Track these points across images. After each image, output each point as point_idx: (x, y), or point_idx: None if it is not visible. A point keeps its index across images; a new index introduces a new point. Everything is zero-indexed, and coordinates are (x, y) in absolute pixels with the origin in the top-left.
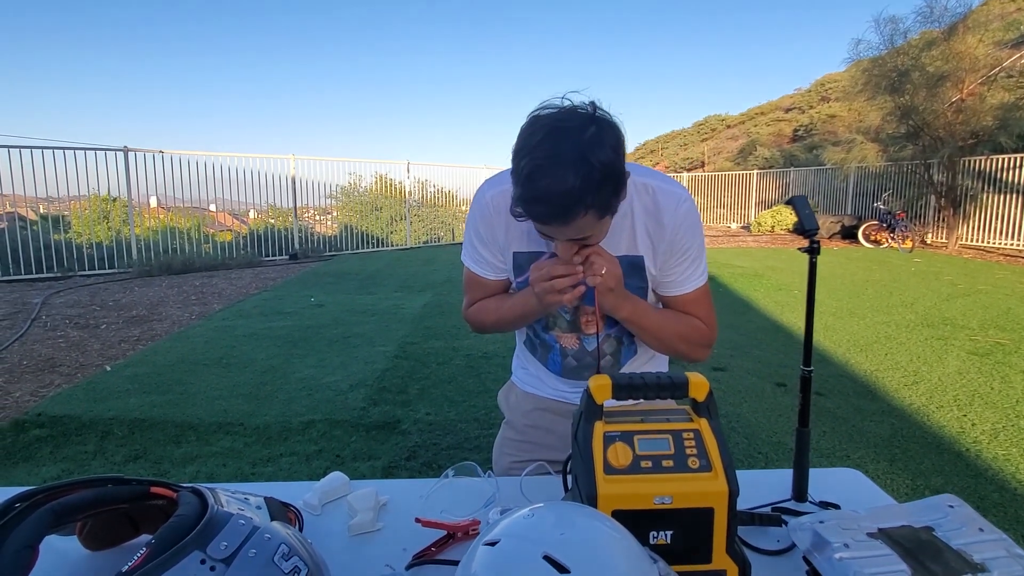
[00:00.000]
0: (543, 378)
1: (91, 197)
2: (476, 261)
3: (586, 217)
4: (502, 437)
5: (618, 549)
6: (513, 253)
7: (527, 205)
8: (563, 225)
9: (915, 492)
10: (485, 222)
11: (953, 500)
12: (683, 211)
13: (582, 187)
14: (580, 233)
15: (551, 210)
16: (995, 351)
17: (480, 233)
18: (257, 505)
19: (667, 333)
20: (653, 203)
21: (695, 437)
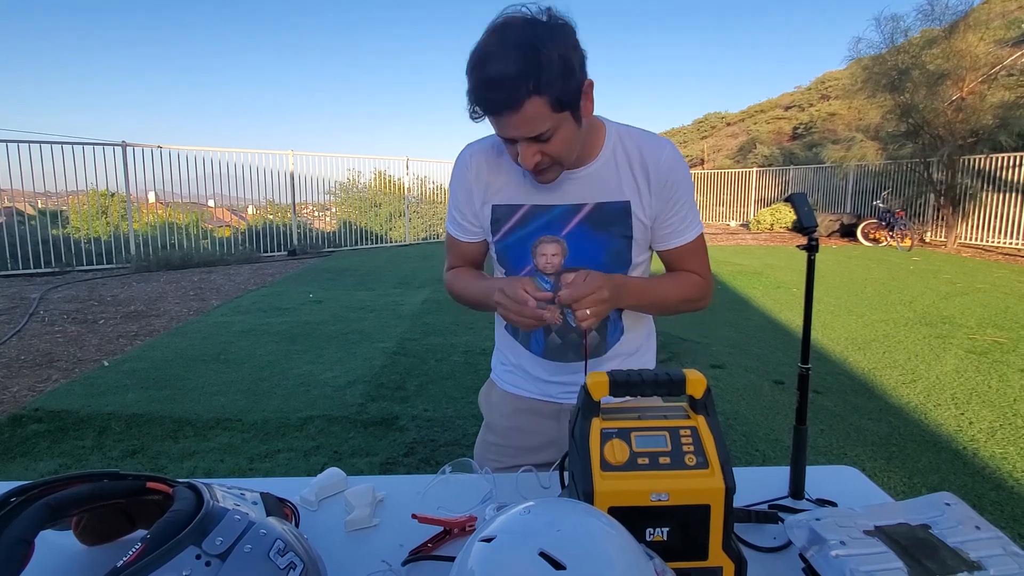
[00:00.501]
0: (525, 371)
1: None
2: (452, 224)
3: (536, 105)
4: (484, 441)
5: (614, 546)
6: (492, 207)
7: (477, 94)
8: (514, 113)
9: (912, 490)
10: (461, 180)
11: (950, 498)
12: (667, 155)
13: (527, 69)
14: (535, 127)
15: (499, 95)
16: (993, 350)
17: (456, 195)
18: (253, 501)
19: (670, 301)
20: (636, 148)
21: (692, 434)
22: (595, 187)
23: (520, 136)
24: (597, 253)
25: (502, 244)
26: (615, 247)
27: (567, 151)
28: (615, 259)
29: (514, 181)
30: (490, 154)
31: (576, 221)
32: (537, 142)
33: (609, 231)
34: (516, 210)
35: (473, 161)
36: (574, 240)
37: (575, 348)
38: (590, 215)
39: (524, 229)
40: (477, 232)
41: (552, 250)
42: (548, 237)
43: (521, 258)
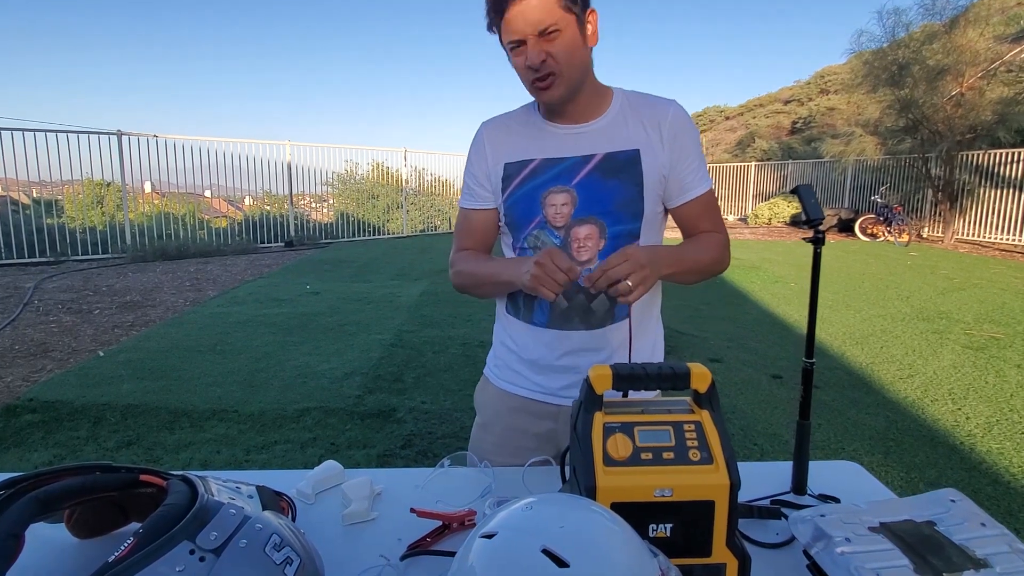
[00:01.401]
0: (523, 361)
1: (85, 181)
2: (464, 196)
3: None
4: (480, 440)
5: (618, 543)
6: (504, 165)
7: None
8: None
9: (909, 485)
10: (476, 150)
11: (955, 495)
12: (675, 110)
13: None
14: (543, 19)
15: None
16: (990, 345)
17: (471, 163)
18: (249, 494)
19: (703, 264)
20: (645, 104)
21: (696, 429)
22: (605, 138)
23: (528, 30)
24: (607, 201)
25: (511, 200)
26: (626, 195)
27: (571, 60)
28: (626, 207)
29: (526, 140)
30: (503, 121)
31: (586, 171)
32: (545, 39)
33: (620, 178)
34: (526, 164)
35: (487, 129)
36: (584, 189)
37: (581, 312)
38: (600, 164)
39: (534, 181)
40: (487, 198)
41: (562, 199)
42: (558, 187)
43: (529, 210)
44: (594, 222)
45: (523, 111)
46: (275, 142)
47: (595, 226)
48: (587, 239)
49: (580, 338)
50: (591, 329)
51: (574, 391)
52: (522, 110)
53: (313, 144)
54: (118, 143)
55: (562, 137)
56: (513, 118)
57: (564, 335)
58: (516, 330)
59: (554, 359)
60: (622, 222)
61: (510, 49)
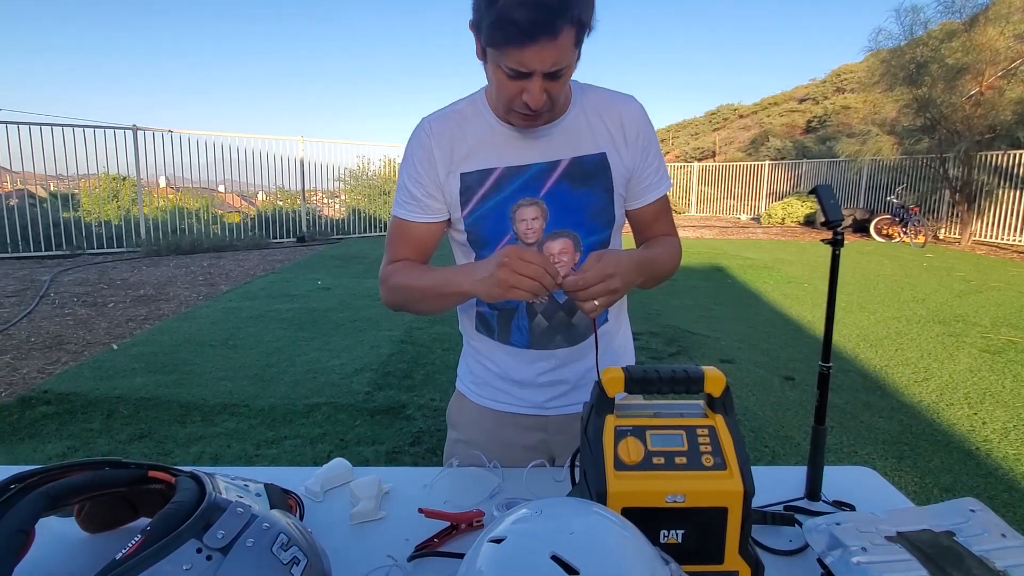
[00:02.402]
0: (504, 379)
1: (100, 175)
2: (404, 205)
3: (568, 34)
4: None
5: (629, 550)
6: (460, 175)
7: (512, 12)
8: (549, 40)
9: (924, 490)
10: (423, 150)
11: (975, 504)
12: (636, 107)
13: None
14: (560, 59)
15: (539, 15)
16: (1007, 349)
17: (415, 168)
18: (257, 492)
19: (666, 271)
20: (604, 101)
21: (710, 434)
22: (569, 141)
23: (543, 68)
24: (579, 211)
25: (475, 215)
26: (598, 203)
27: (564, 94)
28: (599, 216)
29: (482, 145)
30: (451, 121)
31: (554, 179)
32: (550, 78)
33: (589, 185)
34: (488, 175)
35: (434, 129)
36: (554, 200)
37: (563, 330)
38: (568, 171)
39: (499, 194)
40: (437, 210)
41: (532, 213)
42: (526, 200)
43: (499, 226)
44: (567, 235)
45: (470, 106)
46: (288, 138)
47: (569, 239)
48: (562, 254)
49: (563, 354)
50: (574, 345)
51: (562, 401)
52: (469, 105)
53: (325, 140)
54: (133, 138)
55: (522, 140)
56: (461, 116)
57: (547, 354)
58: (492, 351)
59: (537, 376)
60: (595, 232)
61: (508, 73)
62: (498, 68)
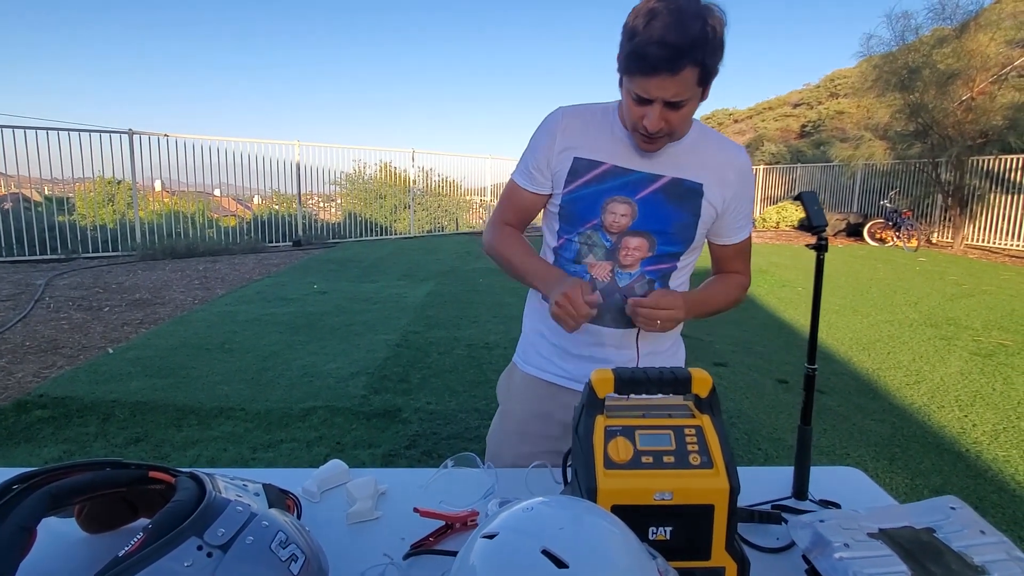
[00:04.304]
0: (555, 347)
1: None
2: (521, 172)
3: (690, 73)
4: (501, 430)
5: (617, 545)
6: (574, 158)
7: (644, 48)
8: (670, 75)
9: (914, 491)
10: (546, 128)
11: (955, 502)
12: (743, 158)
13: (699, 38)
14: (679, 93)
15: (666, 53)
16: (998, 352)
17: (537, 144)
18: (255, 492)
19: (722, 307)
20: (716, 142)
21: (697, 433)
22: (676, 164)
23: (662, 98)
24: (666, 222)
25: (572, 195)
26: (684, 221)
27: (684, 125)
28: (681, 232)
29: (602, 141)
30: (582, 113)
31: (652, 189)
32: (670, 107)
33: (681, 204)
34: (597, 166)
35: (565, 116)
36: (647, 205)
37: (614, 311)
38: (666, 186)
39: (601, 185)
40: (544, 184)
41: (622, 210)
42: (621, 197)
43: (588, 212)
44: (646, 236)
45: (602, 110)
46: (284, 142)
47: (646, 240)
48: (636, 249)
49: (611, 335)
50: (621, 328)
51: None
52: (601, 109)
53: (321, 144)
54: (129, 142)
55: (636, 150)
56: (592, 114)
57: (596, 329)
58: (546, 315)
59: (583, 348)
60: (672, 244)
61: (634, 99)
62: (628, 93)
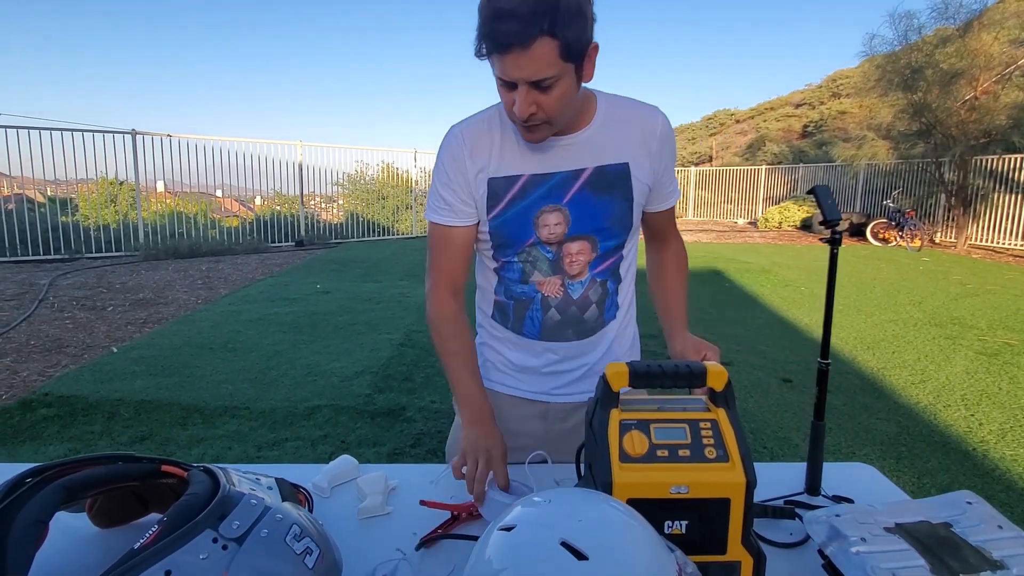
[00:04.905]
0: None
1: (99, 180)
2: (439, 211)
3: (546, 45)
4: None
5: (636, 537)
6: (488, 180)
7: (488, 27)
8: (523, 50)
9: (921, 490)
10: (453, 156)
11: (971, 497)
12: (662, 119)
13: (546, 3)
14: (540, 70)
15: (511, 26)
16: (1003, 351)
17: (446, 173)
18: (268, 486)
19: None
20: (634, 112)
21: (712, 427)
22: (593, 151)
23: (522, 78)
24: (600, 218)
25: (500, 219)
26: (617, 211)
27: (562, 109)
28: (617, 223)
29: (509, 153)
30: (480, 129)
31: (577, 187)
32: (537, 89)
33: (611, 193)
34: (514, 181)
35: (465, 136)
36: (576, 206)
37: (574, 324)
38: (590, 179)
39: (524, 200)
40: (470, 214)
41: (555, 219)
42: (550, 206)
43: (522, 231)
44: (586, 239)
45: (498, 115)
46: (286, 142)
47: (587, 242)
48: (579, 254)
49: (571, 347)
50: (583, 339)
51: (566, 390)
52: (496, 113)
53: (323, 144)
54: (132, 142)
55: (548, 149)
56: (491, 124)
57: (556, 346)
58: (503, 337)
59: (544, 366)
60: (613, 237)
61: (498, 83)
62: (496, 78)
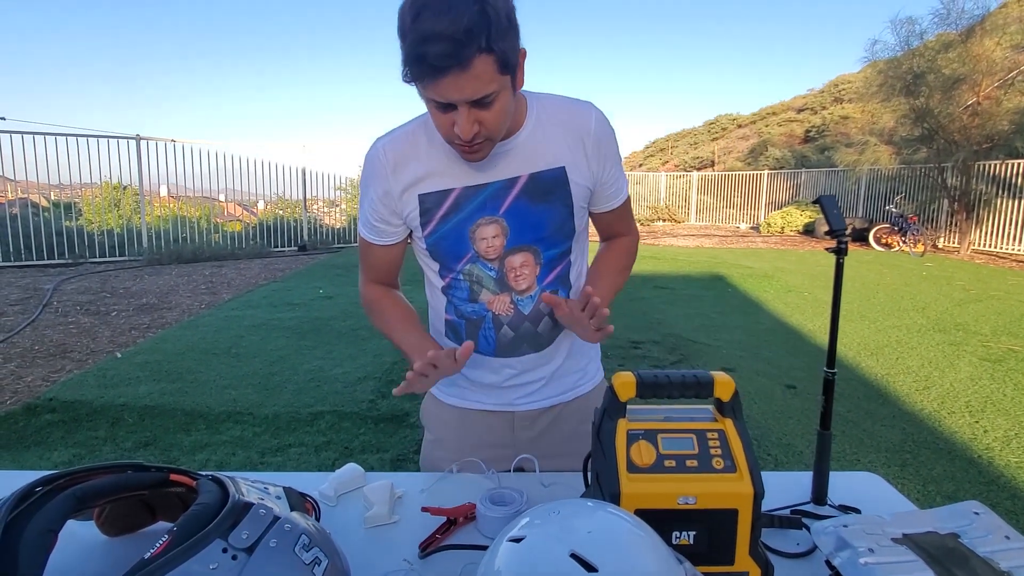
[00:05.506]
0: (471, 381)
1: (103, 185)
2: (367, 226)
3: (485, 63)
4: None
5: (646, 549)
6: (418, 197)
7: (418, 48)
8: (461, 71)
9: (926, 497)
10: (376, 175)
11: (979, 507)
12: (596, 115)
13: (479, 21)
14: (480, 88)
15: (446, 48)
16: (1008, 358)
17: (370, 193)
18: (277, 495)
19: (624, 277)
20: (565, 112)
21: (719, 437)
22: (526, 158)
23: (463, 99)
24: (539, 227)
25: (435, 236)
26: (557, 218)
27: (501, 122)
28: (558, 230)
29: (438, 166)
30: (405, 143)
31: (512, 196)
32: (478, 107)
33: (549, 201)
34: (446, 196)
35: (388, 153)
36: (513, 217)
37: (529, 339)
38: (526, 187)
39: (459, 214)
40: (396, 232)
41: (492, 232)
42: (486, 219)
43: (458, 246)
44: (528, 250)
45: (423, 127)
46: (289, 146)
47: (530, 253)
48: (523, 267)
49: (529, 360)
50: (539, 351)
51: (529, 399)
52: (420, 126)
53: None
54: (136, 147)
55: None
56: (416, 136)
57: (513, 361)
58: None
59: (504, 381)
60: (555, 246)
61: (435, 106)
62: (427, 102)
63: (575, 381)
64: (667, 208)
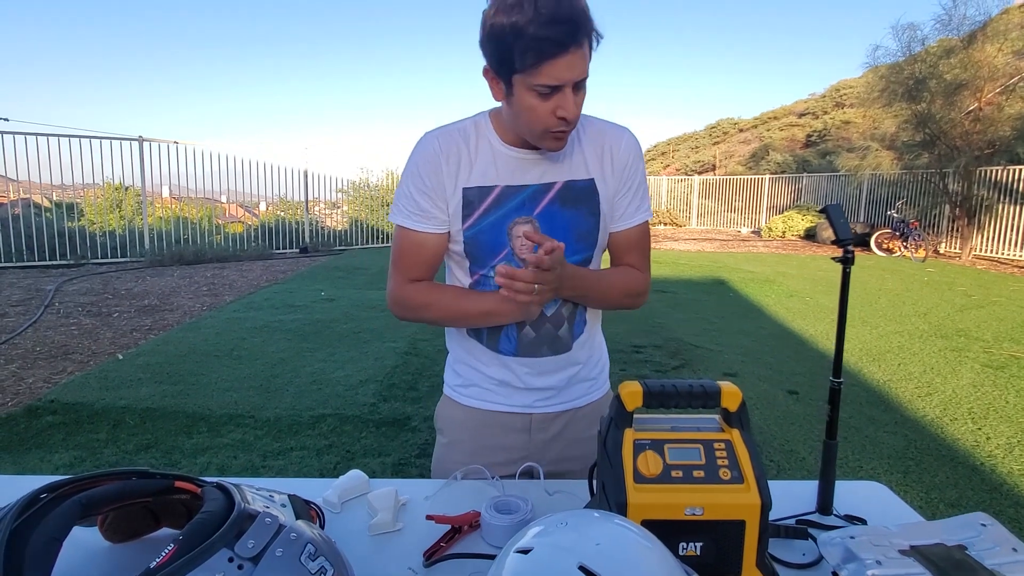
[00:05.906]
0: (492, 380)
1: (105, 186)
2: (411, 216)
3: (586, 47)
4: (446, 460)
5: (653, 560)
6: (463, 190)
7: (545, 30)
8: (577, 49)
9: (929, 505)
10: (430, 165)
11: (985, 519)
12: (627, 139)
13: (585, 6)
14: (585, 68)
15: (570, 28)
16: (1010, 364)
17: (422, 180)
18: (282, 503)
19: (614, 293)
20: (598, 132)
21: (727, 448)
22: (564, 166)
23: (573, 77)
24: (567, 232)
25: (475, 229)
26: (584, 225)
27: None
28: (584, 238)
29: (484, 163)
30: (457, 137)
31: (547, 200)
32: (576, 90)
33: (578, 208)
34: (489, 192)
35: (441, 143)
36: (545, 219)
37: (549, 341)
38: (560, 193)
39: (499, 211)
40: (444, 221)
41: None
42: (523, 218)
43: (496, 242)
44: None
45: (473, 126)
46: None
47: None
48: None
49: (548, 362)
50: (558, 354)
51: (546, 403)
52: (472, 125)
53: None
54: (139, 148)
55: (521, 162)
56: (466, 134)
57: (533, 362)
58: (480, 354)
59: (522, 382)
60: (579, 252)
61: (541, 92)
62: (530, 92)
63: (588, 388)
64: (668, 212)
